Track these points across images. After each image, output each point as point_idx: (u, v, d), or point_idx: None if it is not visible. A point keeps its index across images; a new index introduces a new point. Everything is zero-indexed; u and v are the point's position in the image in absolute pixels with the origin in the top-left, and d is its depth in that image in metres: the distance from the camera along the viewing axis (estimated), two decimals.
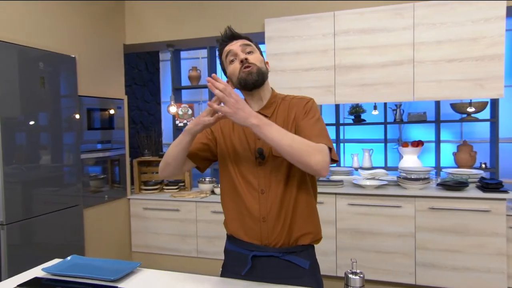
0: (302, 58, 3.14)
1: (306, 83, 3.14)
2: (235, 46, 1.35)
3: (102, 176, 3.44)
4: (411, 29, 2.88)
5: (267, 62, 1.41)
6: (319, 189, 2.98)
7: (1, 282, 1.37)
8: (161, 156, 3.90)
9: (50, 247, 2.77)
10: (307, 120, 1.31)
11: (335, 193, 2.97)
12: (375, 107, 3.82)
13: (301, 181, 1.34)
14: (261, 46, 1.50)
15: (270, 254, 1.31)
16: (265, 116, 1.34)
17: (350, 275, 0.87)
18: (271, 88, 1.44)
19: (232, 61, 1.35)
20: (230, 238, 1.42)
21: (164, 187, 3.85)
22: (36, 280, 1.39)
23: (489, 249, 2.67)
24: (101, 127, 3.39)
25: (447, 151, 3.97)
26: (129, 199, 3.68)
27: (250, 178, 1.33)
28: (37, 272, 1.46)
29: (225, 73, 1.41)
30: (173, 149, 1.32)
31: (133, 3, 3.73)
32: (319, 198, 2.98)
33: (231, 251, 1.41)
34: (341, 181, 3.09)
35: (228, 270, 1.40)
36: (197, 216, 3.44)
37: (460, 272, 2.74)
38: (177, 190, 3.81)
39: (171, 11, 3.65)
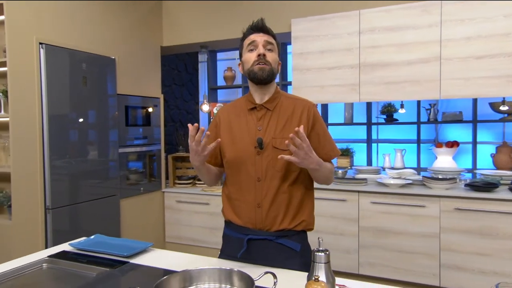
0: (327, 56, 3.18)
1: (330, 82, 3.18)
2: (259, 38, 1.44)
3: (141, 170, 3.69)
4: (438, 26, 2.82)
5: (279, 63, 1.51)
6: (342, 187, 3.02)
7: (34, 253, 1.58)
8: None
9: (90, 231, 3.03)
10: (322, 130, 1.49)
11: (358, 191, 2.98)
12: (402, 106, 3.75)
13: (299, 175, 1.44)
14: (288, 46, 1.60)
15: (264, 237, 1.41)
16: (268, 109, 1.45)
17: (316, 252, 0.94)
18: (275, 84, 1.53)
19: (251, 50, 1.45)
20: (228, 224, 1.54)
21: (197, 182, 4.05)
22: (63, 253, 1.59)
23: None
24: (139, 124, 3.65)
25: (487, 152, 3.80)
26: (163, 192, 3.91)
27: (248, 166, 1.43)
28: (65, 246, 1.66)
29: (241, 57, 1.51)
30: (200, 175, 1.52)
31: (169, 6, 3.96)
32: (342, 195, 3.02)
33: (228, 235, 1.53)
34: (364, 179, 3.09)
35: (226, 253, 1.52)
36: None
37: (488, 276, 2.64)
38: None
39: (203, 13, 3.84)
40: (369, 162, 4.23)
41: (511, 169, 3.36)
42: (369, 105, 4.11)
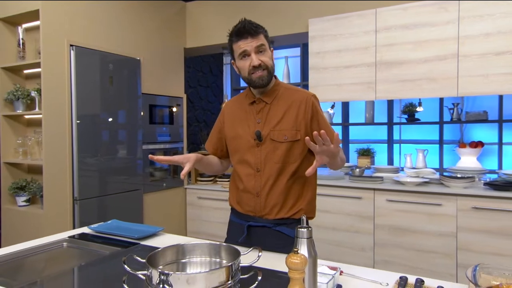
0: (343, 55, 3.21)
1: (346, 80, 3.20)
2: (249, 46, 1.42)
3: (165, 167, 3.85)
4: (456, 22, 2.79)
5: (272, 50, 1.51)
6: (358, 185, 3.03)
7: (56, 234, 1.73)
8: None
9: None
10: (322, 121, 1.50)
11: (374, 189, 2.98)
12: (419, 104, 3.71)
13: (299, 166, 1.49)
14: (304, 45, 1.56)
15: (263, 224, 1.48)
16: (266, 103, 1.51)
17: (300, 229, 1.01)
18: (274, 76, 1.56)
19: (244, 57, 1.45)
20: (232, 210, 1.62)
21: (218, 179, 4.16)
22: (83, 235, 1.73)
23: None
24: (163, 122, 3.81)
25: None
26: (185, 188, 4.05)
27: (248, 157, 1.51)
28: (84, 229, 1.80)
29: (232, 58, 1.53)
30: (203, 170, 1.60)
31: (193, 9, 4.12)
32: (357, 193, 3.03)
33: (232, 221, 1.62)
34: (380, 177, 3.09)
35: (230, 238, 1.61)
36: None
37: None
38: (228, 182, 4.09)
39: (225, 15, 3.96)
40: (390, 163, 4.19)
41: None
42: (390, 104, 4.08)
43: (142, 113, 3.47)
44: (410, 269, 2.86)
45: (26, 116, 3.11)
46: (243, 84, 4.91)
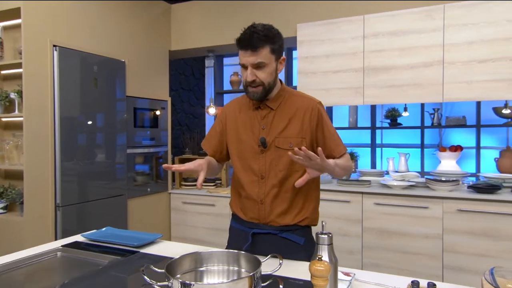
0: (331, 60, 3.25)
1: (335, 85, 3.24)
2: (246, 60, 1.38)
3: (148, 172, 3.76)
4: (441, 30, 2.89)
5: (283, 59, 1.45)
6: (346, 188, 3.06)
7: (48, 243, 1.64)
8: (201, 154, 4.18)
9: (98, 229, 3.10)
10: (327, 128, 1.49)
11: (362, 192, 3.02)
12: (405, 109, 3.80)
13: (303, 174, 1.42)
14: (293, 51, 1.52)
15: (268, 231, 1.46)
16: (271, 109, 1.49)
17: (320, 235, 1.00)
18: (280, 80, 1.53)
19: (242, 67, 1.42)
20: (234, 217, 1.59)
21: (203, 184, 4.09)
22: (76, 243, 1.65)
23: None
24: (147, 126, 3.72)
25: (490, 157, 3.83)
26: (170, 193, 3.97)
27: (252, 164, 1.48)
28: (77, 237, 1.73)
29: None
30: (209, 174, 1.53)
31: (178, 11, 4.06)
32: (346, 197, 3.06)
33: (234, 228, 1.58)
34: (368, 181, 3.14)
35: (232, 245, 1.56)
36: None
37: None
38: (214, 186, 4.04)
39: (211, 17, 3.93)
40: (373, 166, 4.27)
41: None
42: (373, 109, 4.17)
43: (126, 116, 3.38)
44: (398, 271, 2.91)
45: (4, 119, 2.96)
46: (226, 87, 4.88)
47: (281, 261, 1.00)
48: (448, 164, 3.50)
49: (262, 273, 0.99)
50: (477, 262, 2.70)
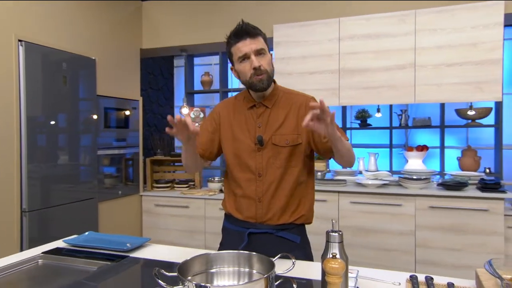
0: (308, 62, 3.29)
1: (311, 86, 3.28)
2: (248, 48, 1.38)
3: (116, 174, 3.62)
4: (413, 34, 3.01)
5: (271, 55, 1.47)
6: (323, 188, 3.11)
7: (28, 250, 1.53)
8: (173, 156, 4.09)
9: (68, 234, 2.94)
10: None
11: (338, 191, 3.08)
12: (378, 110, 3.93)
13: (300, 171, 1.48)
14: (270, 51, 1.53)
15: (264, 231, 1.45)
16: (266, 107, 1.49)
17: (331, 233, 1.00)
18: (274, 80, 1.54)
19: (243, 60, 1.40)
20: (228, 217, 1.56)
21: (175, 185, 4.01)
22: (58, 250, 1.55)
23: (488, 248, 2.74)
24: (117, 126, 3.58)
25: (452, 157, 4.04)
26: (141, 195, 3.85)
27: (248, 162, 1.46)
28: (58, 243, 1.62)
29: (231, 63, 1.48)
30: (184, 156, 1.47)
31: (149, 9, 3.95)
32: (322, 196, 3.10)
33: (228, 228, 1.55)
34: (344, 180, 3.21)
35: (226, 247, 1.53)
36: (205, 213, 3.58)
37: (460, 270, 2.81)
38: (187, 188, 3.97)
39: (183, 16, 3.86)
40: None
41: (475, 171, 3.59)
42: (344, 110, 4.26)
43: (97, 116, 3.24)
44: (375, 266, 2.97)
45: None
46: (197, 87, 4.80)
47: (294, 261, 0.99)
48: (415, 163, 3.65)
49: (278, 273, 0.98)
50: (446, 256, 2.84)
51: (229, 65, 1.53)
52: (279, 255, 1.03)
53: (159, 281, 0.86)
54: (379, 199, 2.99)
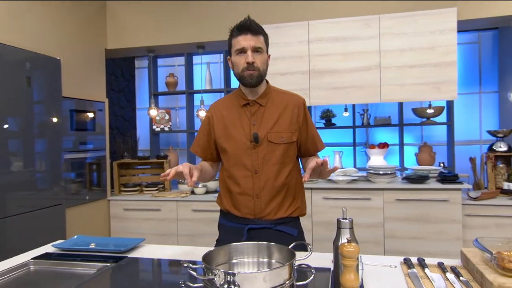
0: (279, 63, 3.38)
1: (282, 87, 3.32)
2: (247, 43, 1.44)
3: (85, 178, 3.47)
4: (377, 38, 3.20)
5: (269, 56, 1.54)
6: None
7: (16, 256, 1.46)
8: (140, 158, 4.00)
9: (37, 241, 2.78)
10: (311, 125, 1.61)
11: (311, 188, 3.19)
12: (345, 109, 4.10)
13: (294, 165, 1.56)
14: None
15: (263, 226, 1.50)
16: (260, 105, 1.54)
17: (342, 220, 1.07)
18: (266, 80, 1.61)
19: (240, 53, 1.46)
20: (225, 214, 1.59)
21: (144, 189, 3.93)
22: (47, 254, 1.49)
23: (448, 235, 2.97)
24: (83, 129, 3.45)
25: (410, 153, 4.32)
26: (109, 200, 3.73)
27: (244, 159, 1.50)
28: (47, 248, 1.56)
29: (230, 54, 1.53)
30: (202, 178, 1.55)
31: (114, 8, 3.85)
32: None
33: (225, 225, 1.58)
34: None
35: (224, 243, 1.55)
36: (178, 215, 3.55)
37: (425, 256, 3.00)
38: (157, 191, 3.90)
39: (149, 17, 3.80)
40: None
41: (432, 165, 3.88)
42: (309, 110, 4.41)
43: (62, 119, 3.10)
44: None
45: None
46: (161, 89, 4.73)
47: (311, 246, 1.05)
48: (376, 159, 3.86)
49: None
50: (412, 245, 3.04)
51: (226, 61, 1.57)
52: (293, 243, 1.08)
53: (192, 272, 0.87)
54: (349, 194, 3.14)
